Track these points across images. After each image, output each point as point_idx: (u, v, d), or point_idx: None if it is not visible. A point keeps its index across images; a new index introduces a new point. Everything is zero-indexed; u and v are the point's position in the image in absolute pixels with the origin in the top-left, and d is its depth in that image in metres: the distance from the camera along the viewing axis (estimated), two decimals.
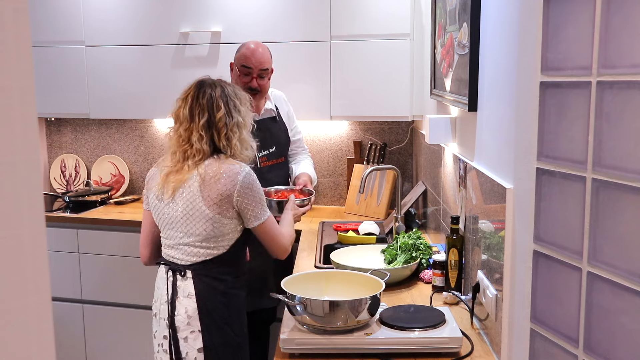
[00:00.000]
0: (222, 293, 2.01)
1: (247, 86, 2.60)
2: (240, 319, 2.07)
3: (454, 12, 2.14)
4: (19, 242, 0.49)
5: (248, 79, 2.62)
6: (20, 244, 0.49)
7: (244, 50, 2.66)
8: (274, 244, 2.10)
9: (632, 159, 1.08)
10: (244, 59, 2.63)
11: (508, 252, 1.53)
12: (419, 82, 3.17)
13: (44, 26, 3.52)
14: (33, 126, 0.50)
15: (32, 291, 0.50)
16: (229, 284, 2.03)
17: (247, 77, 2.62)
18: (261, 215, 2.03)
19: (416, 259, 2.34)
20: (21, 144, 0.49)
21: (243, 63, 2.62)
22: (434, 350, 1.68)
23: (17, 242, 0.49)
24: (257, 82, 2.63)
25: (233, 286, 2.05)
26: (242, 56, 2.64)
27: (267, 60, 2.65)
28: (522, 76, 1.44)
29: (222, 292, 2.01)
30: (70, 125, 3.99)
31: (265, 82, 2.66)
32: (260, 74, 2.63)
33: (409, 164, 3.63)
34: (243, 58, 2.64)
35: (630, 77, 1.07)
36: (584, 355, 1.22)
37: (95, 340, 3.48)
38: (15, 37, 0.48)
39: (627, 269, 1.09)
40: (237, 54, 2.69)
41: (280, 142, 2.84)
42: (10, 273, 0.49)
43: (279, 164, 2.82)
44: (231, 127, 2.02)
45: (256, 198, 2.01)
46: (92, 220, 3.41)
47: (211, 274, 2.00)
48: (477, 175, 1.87)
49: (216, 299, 2.00)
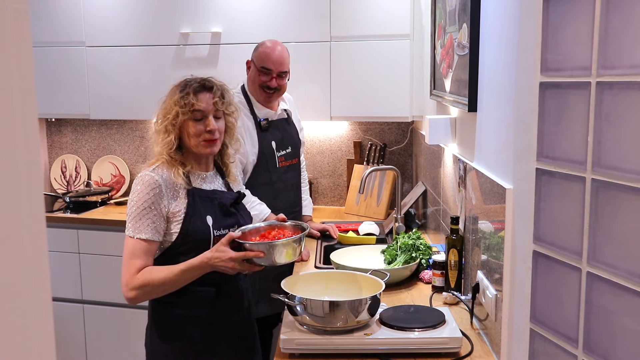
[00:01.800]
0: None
1: (266, 85, 2.59)
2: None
3: (453, 12, 2.14)
4: (19, 242, 0.49)
5: (267, 78, 2.59)
6: (21, 244, 0.49)
7: (263, 49, 2.62)
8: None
9: (632, 159, 1.08)
10: (263, 59, 2.59)
11: (508, 252, 1.53)
12: (418, 82, 3.18)
13: (45, 27, 3.52)
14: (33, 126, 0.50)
15: (32, 291, 0.50)
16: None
17: (266, 77, 2.60)
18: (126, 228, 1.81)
19: (416, 259, 2.34)
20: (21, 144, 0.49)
21: (263, 64, 2.59)
22: (433, 351, 1.68)
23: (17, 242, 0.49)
24: (276, 81, 2.61)
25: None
26: (262, 56, 2.60)
27: (286, 61, 2.63)
28: (521, 77, 1.44)
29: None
30: (70, 125, 3.99)
31: (284, 82, 2.64)
32: (280, 75, 2.61)
33: (409, 165, 3.63)
34: (263, 58, 2.60)
35: (629, 78, 1.08)
36: (583, 355, 1.22)
37: (95, 340, 3.48)
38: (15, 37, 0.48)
39: (627, 269, 1.10)
40: (256, 53, 2.64)
41: (294, 143, 2.82)
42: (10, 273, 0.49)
43: (293, 165, 2.81)
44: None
45: (130, 203, 1.81)
46: (93, 221, 3.41)
47: None
48: (476, 176, 1.87)
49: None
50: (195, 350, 1.86)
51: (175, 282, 1.76)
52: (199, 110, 1.82)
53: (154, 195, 1.77)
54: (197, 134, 1.83)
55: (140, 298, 1.77)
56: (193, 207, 1.82)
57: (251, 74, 2.65)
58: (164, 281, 1.75)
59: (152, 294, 1.80)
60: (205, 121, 1.83)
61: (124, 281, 1.77)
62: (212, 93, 1.85)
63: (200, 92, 1.84)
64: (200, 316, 1.86)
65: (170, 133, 1.83)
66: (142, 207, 1.77)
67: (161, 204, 1.78)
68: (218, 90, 1.87)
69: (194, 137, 1.83)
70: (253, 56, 2.66)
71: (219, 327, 1.90)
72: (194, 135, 1.83)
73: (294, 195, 2.83)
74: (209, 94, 1.85)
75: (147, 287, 1.75)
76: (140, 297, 1.77)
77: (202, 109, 1.83)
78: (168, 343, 1.86)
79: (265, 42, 2.65)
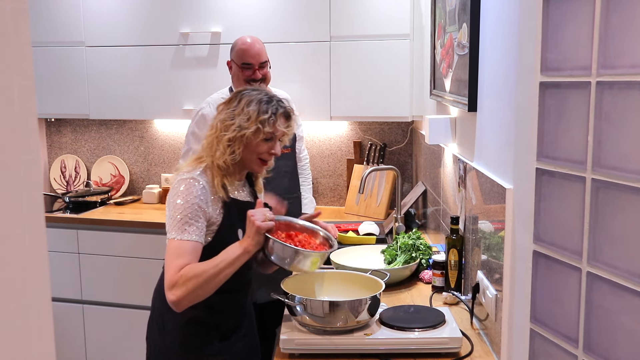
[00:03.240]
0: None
1: (251, 78, 2.68)
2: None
3: (453, 12, 2.14)
4: (19, 242, 0.49)
5: (250, 72, 2.69)
6: (20, 244, 0.49)
7: (239, 47, 2.71)
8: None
9: (632, 159, 1.08)
10: (242, 56, 2.69)
11: (508, 252, 1.53)
12: (418, 82, 3.18)
13: (44, 26, 3.52)
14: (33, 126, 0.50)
15: (32, 291, 0.50)
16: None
17: (249, 71, 2.69)
18: (168, 230, 1.75)
19: (416, 259, 2.34)
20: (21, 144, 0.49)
21: (243, 61, 2.69)
22: (433, 351, 1.68)
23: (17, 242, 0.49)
24: (259, 72, 2.70)
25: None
26: (240, 54, 2.70)
27: (263, 52, 2.73)
28: (521, 76, 1.44)
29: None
30: (70, 125, 3.99)
31: (266, 70, 2.74)
32: (261, 65, 2.71)
33: (409, 165, 3.63)
34: (241, 55, 2.69)
35: (629, 78, 1.07)
36: (583, 355, 1.22)
37: (95, 340, 3.48)
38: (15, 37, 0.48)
39: (627, 269, 1.10)
40: (234, 52, 2.74)
41: None
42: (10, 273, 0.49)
43: (286, 154, 2.82)
44: None
45: (175, 206, 1.74)
46: (92, 221, 3.41)
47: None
48: (476, 176, 1.87)
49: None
50: (200, 345, 1.85)
51: (215, 269, 1.66)
52: (275, 133, 1.84)
53: (200, 201, 1.73)
54: (259, 152, 1.84)
55: (185, 297, 1.64)
56: (228, 219, 1.80)
57: (234, 72, 2.75)
58: (205, 269, 1.65)
59: (198, 291, 1.65)
60: (271, 143, 1.85)
61: (166, 284, 1.65)
62: (291, 121, 1.89)
63: (284, 118, 1.86)
64: (209, 316, 1.84)
65: (241, 145, 1.80)
66: (189, 211, 1.70)
67: (206, 211, 1.75)
68: (294, 121, 1.91)
69: (254, 154, 1.84)
70: (232, 56, 2.75)
71: (226, 325, 1.89)
72: (254, 152, 1.83)
73: (289, 182, 2.85)
74: (288, 123, 1.88)
75: (190, 283, 1.63)
76: (185, 296, 1.63)
77: (278, 134, 1.85)
78: (173, 337, 1.85)
79: (239, 40, 2.74)
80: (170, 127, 3.86)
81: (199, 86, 3.35)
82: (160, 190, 3.78)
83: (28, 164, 0.49)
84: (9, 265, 0.48)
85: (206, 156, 1.82)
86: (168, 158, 3.89)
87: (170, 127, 3.86)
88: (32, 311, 0.50)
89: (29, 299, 0.50)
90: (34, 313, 0.50)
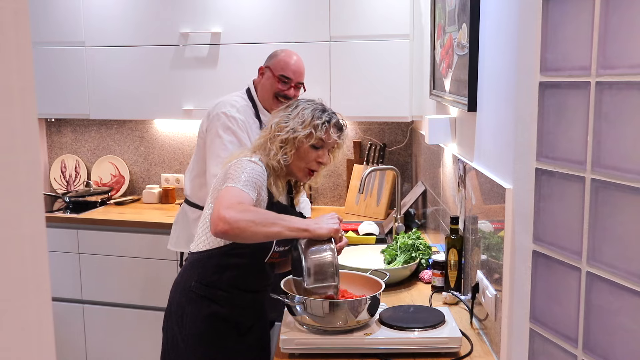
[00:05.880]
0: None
1: (283, 94, 2.57)
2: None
3: (453, 12, 2.15)
4: (19, 242, 0.49)
5: (285, 87, 2.58)
6: (20, 244, 0.49)
7: (282, 57, 2.60)
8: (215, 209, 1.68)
9: (631, 159, 1.08)
10: (283, 67, 2.58)
11: (507, 252, 1.53)
12: (418, 82, 3.18)
13: (44, 27, 3.53)
14: (33, 126, 0.50)
15: (32, 291, 0.50)
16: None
17: (284, 86, 2.58)
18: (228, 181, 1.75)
19: (416, 259, 2.34)
20: (21, 144, 0.49)
21: (283, 72, 2.57)
22: (433, 350, 1.69)
23: (17, 242, 0.49)
24: (293, 91, 2.60)
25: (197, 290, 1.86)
26: (282, 64, 2.58)
27: (304, 73, 2.64)
28: (521, 77, 1.44)
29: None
30: (70, 125, 3.99)
31: (299, 93, 2.64)
32: (297, 85, 2.61)
33: (409, 165, 3.63)
34: (283, 67, 2.58)
35: (629, 78, 1.08)
36: (583, 355, 1.22)
37: (95, 340, 3.48)
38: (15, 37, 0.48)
39: (626, 269, 1.10)
40: (274, 61, 2.61)
41: None
42: (10, 273, 0.49)
43: None
44: None
45: (242, 171, 1.76)
46: (92, 221, 3.41)
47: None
48: (476, 176, 1.87)
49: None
50: (218, 338, 1.87)
51: (275, 218, 1.67)
52: (325, 141, 1.88)
53: (261, 181, 1.79)
54: (308, 160, 1.88)
55: (239, 221, 1.60)
56: None
57: (266, 81, 2.61)
58: (267, 211, 1.71)
59: (250, 224, 1.62)
60: (320, 152, 1.89)
61: (223, 205, 1.63)
62: (342, 133, 1.93)
63: (336, 128, 1.90)
64: (231, 313, 1.87)
65: (293, 148, 1.85)
66: (253, 180, 1.75)
67: (260, 192, 1.79)
68: (345, 135, 1.95)
69: (303, 161, 1.88)
70: (269, 63, 2.62)
71: (245, 322, 1.92)
72: (304, 159, 1.88)
73: None
74: (339, 133, 1.92)
75: (249, 213, 1.63)
76: (238, 220, 1.60)
77: (329, 142, 1.89)
78: (192, 329, 1.86)
79: (285, 51, 2.63)
80: (170, 127, 3.86)
81: (199, 86, 3.36)
82: (160, 190, 3.78)
83: (28, 164, 0.49)
84: (9, 265, 0.48)
85: (264, 154, 1.88)
86: (168, 158, 3.89)
87: (170, 127, 3.86)
88: (32, 311, 0.50)
89: (29, 299, 0.50)
90: (34, 313, 0.51)
